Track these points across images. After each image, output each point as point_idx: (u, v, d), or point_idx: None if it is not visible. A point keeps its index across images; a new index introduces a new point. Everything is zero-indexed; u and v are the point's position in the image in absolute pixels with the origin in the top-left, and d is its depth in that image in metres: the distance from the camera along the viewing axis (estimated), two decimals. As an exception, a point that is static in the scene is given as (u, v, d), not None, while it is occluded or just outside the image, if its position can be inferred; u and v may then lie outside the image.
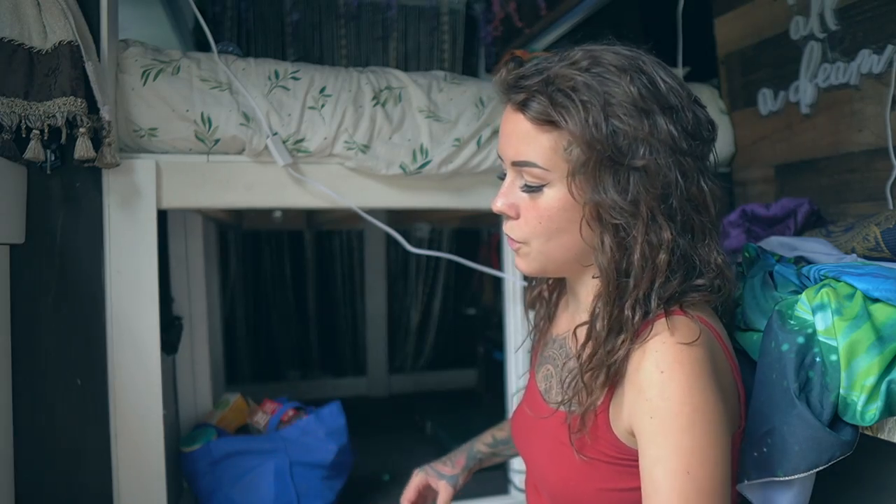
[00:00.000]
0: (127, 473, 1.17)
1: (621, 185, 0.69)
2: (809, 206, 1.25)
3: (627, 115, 0.69)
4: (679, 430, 0.65)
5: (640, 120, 0.69)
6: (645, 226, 0.70)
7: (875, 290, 0.74)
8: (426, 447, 1.93)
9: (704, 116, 0.75)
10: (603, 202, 0.70)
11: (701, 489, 0.64)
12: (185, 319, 1.69)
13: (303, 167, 1.30)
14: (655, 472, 0.66)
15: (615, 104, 0.69)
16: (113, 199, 1.18)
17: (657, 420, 0.66)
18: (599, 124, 0.68)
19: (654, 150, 0.69)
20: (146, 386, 1.19)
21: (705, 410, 0.66)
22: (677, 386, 0.66)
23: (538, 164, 0.73)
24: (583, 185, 0.71)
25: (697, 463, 0.65)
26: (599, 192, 0.70)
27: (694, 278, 0.73)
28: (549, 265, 0.79)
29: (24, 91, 1.04)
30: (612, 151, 0.69)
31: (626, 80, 0.69)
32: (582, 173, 0.70)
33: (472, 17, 2.32)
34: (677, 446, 0.65)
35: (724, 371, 0.73)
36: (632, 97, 0.69)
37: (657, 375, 0.67)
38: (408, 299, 3.09)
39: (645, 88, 0.70)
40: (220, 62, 1.25)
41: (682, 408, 0.66)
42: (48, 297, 1.13)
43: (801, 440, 0.71)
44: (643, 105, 0.69)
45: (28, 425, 1.11)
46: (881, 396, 0.70)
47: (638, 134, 0.69)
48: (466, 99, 1.37)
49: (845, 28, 1.27)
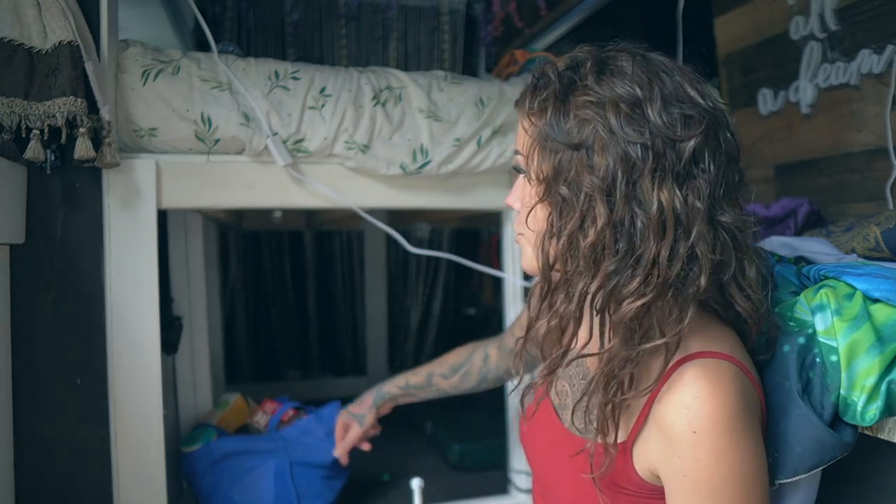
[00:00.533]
0: (127, 473, 1.17)
1: (562, 166, 0.69)
2: (809, 206, 1.25)
3: (576, 107, 0.69)
4: (714, 491, 0.65)
5: (592, 110, 0.68)
6: (581, 212, 0.67)
7: (875, 291, 0.74)
8: (426, 447, 1.93)
9: (685, 113, 0.68)
10: (543, 175, 0.71)
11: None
12: (185, 319, 1.69)
13: (303, 167, 1.30)
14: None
15: (571, 94, 0.70)
16: (113, 199, 1.18)
17: (690, 480, 0.65)
18: (546, 108, 0.70)
19: (596, 140, 0.67)
20: (146, 386, 1.19)
21: (741, 468, 0.65)
22: (711, 448, 0.65)
23: (519, 150, 0.77)
24: (532, 164, 0.73)
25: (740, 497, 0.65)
26: (540, 167, 0.71)
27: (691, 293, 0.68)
28: (549, 260, 0.76)
29: (24, 91, 1.04)
30: (553, 133, 0.70)
31: (590, 73, 0.70)
32: (532, 154, 0.72)
33: (472, 17, 2.32)
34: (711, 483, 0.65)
35: (757, 416, 0.71)
36: (589, 89, 0.69)
37: (690, 436, 0.65)
38: (408, 299, 3.09)
39: (606, 85, 0.69)
40: (220, 62, 1.25)
41: (716, 469, 0.65)
42: (48, 296, 1.13)
43: (804, 441, 0.71)
44: (597, 98, 0.68)
45: (28, 425, 1.11)
46: (881, 396, 0.70)
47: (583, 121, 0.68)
48: (466, 99, 1.37)
49: (845, 28, 1.27)
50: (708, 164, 0.68)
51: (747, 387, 0.69)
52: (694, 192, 0.67)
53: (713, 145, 0.69)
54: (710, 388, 0.65)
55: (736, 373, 0.68)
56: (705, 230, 0.67)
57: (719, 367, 0.68)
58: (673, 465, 0.67)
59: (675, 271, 0.66)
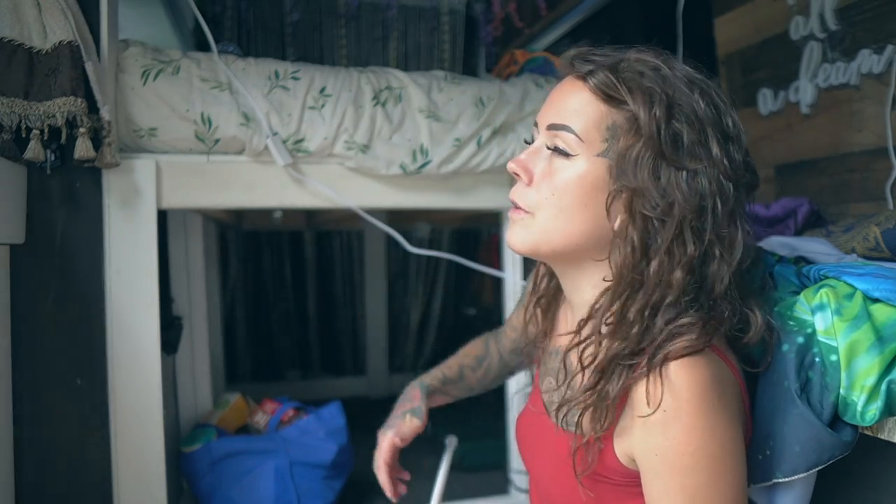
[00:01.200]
0: (127, 473, 1.17)
1: (661, 182, 0.68)
2: (809, 206, 1.24)
3: (688, 123, 0.69)
4: (684, 469, 0.66)
5: (697, 133, 0.69)
6: (672, 234, 0.68)
7: (875, 290, 0.74)
8: (426, 447, 1.93)
9: (752, 164, 0.75)
10: (639, 189, 0.69)
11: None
12: (185, 319, 1.69)
13: (303, 167, 1.30)
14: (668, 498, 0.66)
15: (679, 107, 0.69)
16: (113, 199, 1.18)
17: (661, 459, 0.66)
18: (660, 117, 0.68)
19: (702, 164, 0.69)
20: (146, 386, 1.19)
21: (712, 448, 0.66)
22: (681, 426, 0.65)
23: (575, 131, 0.71)
24: (621, 168, 0.70)
25: (701, 500, 0.65)
26: (638, 179, 0.68)
27: (705, 309, 0.70)
28: (544, 245, 0.75)
29: (24, 91, 1.04)
30: (665, 147, 0.68)
31: (696, 93, 0.70)
32: (623, 157, 0.70)
33: (472, 17, 2.31)
34: (682, 484, 0.66)
35: (734, 401, 0.71)
36: (695, 109, 0.69)
37: (661, 415, 0.66)
38: (408, 299, 3.09)
39: (709, 109, 0.70)
40: (220, 62, 1.25)
41: (686, 447, 0.65)
42: (48, 297, 1.13)
43: (803, 440, 0.71)
44: (703, 122, 0.69)
45: (28, 425, 1.11)
46: (881, 396, 0.70)
47: (692, 143, 0.69)
48: (466, 99, 1.37)
49: (845, 28, 1.27)
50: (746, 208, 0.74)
51: (724, 372, 0.69)
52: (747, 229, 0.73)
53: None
54: (683, 369, 0.66)
55: (712, 358, 0.69)
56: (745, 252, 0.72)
57: (698, 357, 0.68)
58: (646, 446, 0.68)
59: (722, 291, 0.71)
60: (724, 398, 0.68)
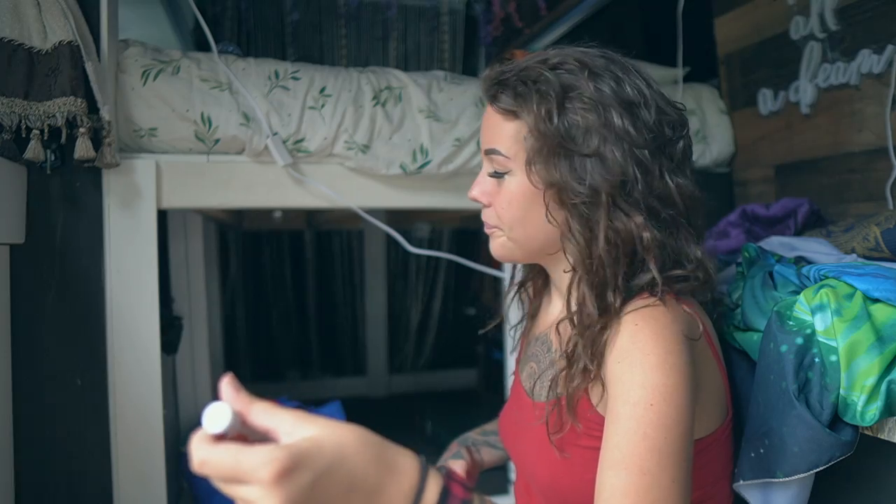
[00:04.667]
0: (127, 473, 1.17)
1: (577, 172, 0.73)
2: (809, 206, 1.24)
3: (583, 108, 0.72)
4: (647, 367, 0.66)
5: (595, 113, 0.72)
6: (607, 212, 0.72)
7: (875, 291, 0.74)
8: (426, 447, 1.93)
9: (673, 116, 0.77)
10: (560, 185, 0.73)
11: (663, 423, 0.64)
12: (185, 319, 1.69)
13: (303, 167, 1.30)
14: (616, 405, 0.66)
15: (572, 97, 0.73)
16: (113, 199, 1.18)
17: (625, 362, 0.68)
18: (552, 114, 0.72)
19: (608, 141, 0.72)
20: (146, 386, 1.19)
21: (678, 357, 0.67)
22: (650, 332, 0.68)
23: (501, 152, 0.77)
24: (539, 171, 0.74)
25: (661, 397, 0.64)
26: (554, 176, 0.73)
27: (671, 269, 0.74)
28: (517, 252, 0.82)
29: (24, 91, 1.04)
30: (563, 139, 0.72)
31: (585, 76, 0.73)
32: (538, 161, 0.74)
33: (472, 17, 2.32)
34: (643, 381, 0.65)
35: (705, 358, 0.73)
36: (589, 91, 0.73)
37: (629, 328, 0.69)
38: (408, 299, 3.09)
39: (606, 85, 0.73)
40: (220, 62, 1.25)
41: (653, 348, 0.67)
42: (48, 297, 1.13)
43: (801, 441, 0.71)
44: (600, 100, 0.72)
45: (28, 425, 1.11)
46: (881, 396, 0.70)
47: (590, 125, 0.72)
48: (466, 99, 1.37)
49: (845, 28, 1.27)
50: (691, 159, 0.78)
51: (694, 330, 0.73)
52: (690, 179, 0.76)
53: (687, 140, 0.78)
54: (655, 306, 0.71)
55: (684, 313, 0.72)
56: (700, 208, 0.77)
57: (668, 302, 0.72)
58: (613, 359, 0.69)
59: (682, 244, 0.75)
60: (690, 344, 0.70)
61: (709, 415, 0.74)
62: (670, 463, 0.63)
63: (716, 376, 0.75)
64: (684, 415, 0.65)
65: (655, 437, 0.63)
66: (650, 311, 0.70)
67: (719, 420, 0.75)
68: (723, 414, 0.76)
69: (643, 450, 0.63)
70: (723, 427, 0.76)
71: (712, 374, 0.75)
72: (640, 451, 0.63)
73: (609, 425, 0.66)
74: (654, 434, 0.63)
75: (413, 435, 2.12)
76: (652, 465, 0.62)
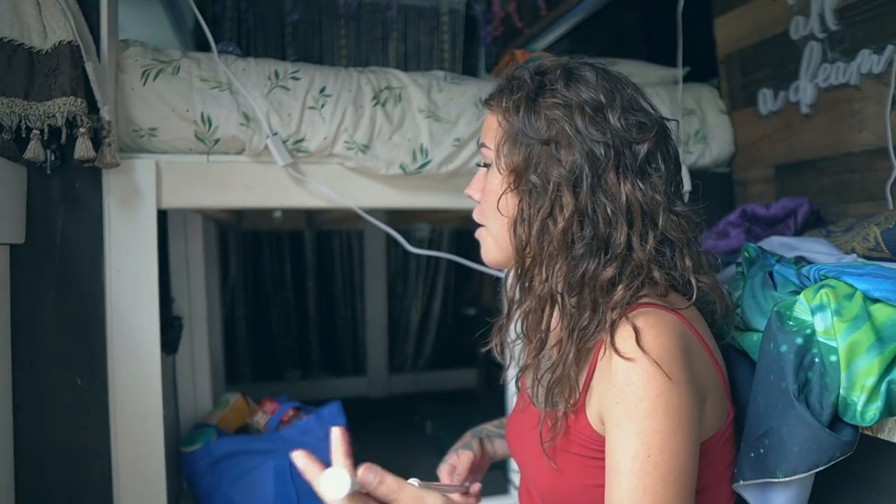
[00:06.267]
0: (127, 473, 1.17)
1: (533, 160, 0.77)
2: (809, 206, 1.24)
3: (550, 104, 0.77)
4: (641, 414, 0.67)
5: (560, 110, 0.76)
6: (550, 201, 0.75)
7: (875, 291, 0.74)
8: (426, 447, 1.93)
9: (640, 120, 0.77)
10: (517, 171, 0.78)
11: (660, 474, 0.66)
12: (185, 319, 1.70)
13: (303, 167, 1.30)
14: (616, 455, 0.68)
15: (544, 93, 0.78)
16: (113, 199, 1.18)
17: (622, 406, 0.69)
18: (520, 105, 0.78)
19: (563, 137, 0.75)
20: (146, 386, 1.19)
21: (669, 397, 0.67)
22: (641, 371, 0.68)
23: (485, 144, 0.84)
24: (504, 157, 0.80)
25: (657, 448, 0.66)
26: (513, 162, 0.78)
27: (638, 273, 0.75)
28: (500, 254, 0.85)
29: (24, 91, 1.04)
30: (525, 127, 0.77)
31: (561, 77, 0.78)
32: (504, 147, 0.79)
33: (472, 17, 2.32)
34: (639, 431, 0.67)
35: (700, 361, 0.74)
36: (560, 90, 0.77)
37: (623, 363, 0.69)
38: (408, 299, 3.09)
39: (578, 87, 0.77)
40: (220, 62, 1.25)
41: (645, 392, 0.67)
42: (48, 296, 1.13)
43: (801, 441, 0.71)
44: (567, 98, 0.76)
45: (28, 425, 1.11)
46: (881, 396, 0.70)
47: (553, 119, 0.76)
48: (466, 99, 1.37)
49: (845, 28, 1.27)
50: (659, 164, 0.78)
51: (689, 336, 0.73)
52: (651, 186, 0.76)
53: (663, 150, 0.78)
54: (647, 325, 0.71)
55: (677, 321, 0.73)
56: (670, 219, 0.76)
57: (659, 313, 0.73)
58: (609, 397, 0.70)
59: (647, 254, 0.75)
60: (686, 355, 0.71)
61: (709, 417, 0.74)
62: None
63: (712, 377, 0.75)
64: (682, 457, 0.68)
65: (654, 489, 0.66)
66: (647, 335, 0.70)
67: (719, 422, 0.75)
68: (723, 415, 0.76)
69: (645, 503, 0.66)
70: (723, 429, 0.76)
71: (708, 375, 0.75)
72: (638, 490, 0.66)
73: (611, 478, 0.69)
74: (654, 486, 0.66)
75: (413, 435, 2.12)
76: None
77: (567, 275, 0.75)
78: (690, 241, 0.78)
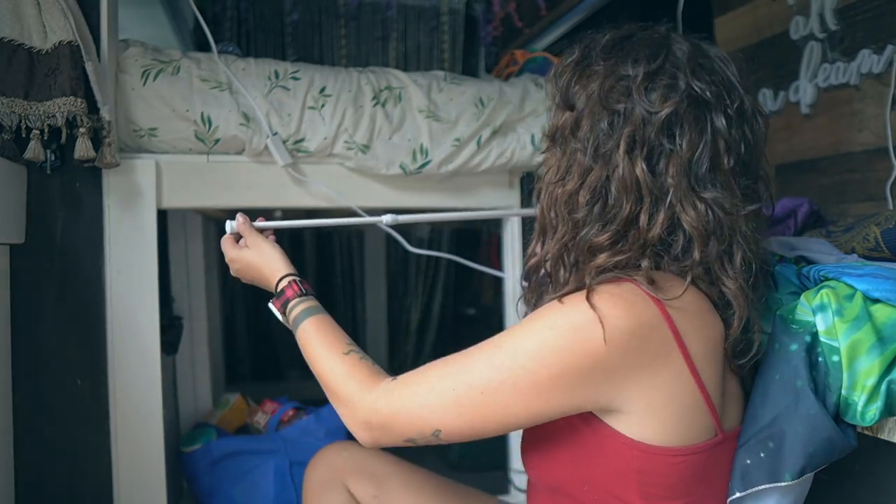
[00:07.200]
0: (127, 473, 1.17)
1: (558, 126, 0.79)
2: (809, 206, 1.24)
3: (586, 77, 0.78)
4: (519, 328, 0.72)
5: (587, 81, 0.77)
6: (566, 168, 0.77)
7: (875, 291, 0.74)
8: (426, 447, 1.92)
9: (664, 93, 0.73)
10: (546, 131, 0.82)
11: (489, 362, 0.71)
12: (185, 319, 1.69)
13: (303, 167, 1.30)
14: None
15: (586, 66, 0.80)
16: (113, 199, 1.18)
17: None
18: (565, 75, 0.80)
19: (581, 105, 0.77)
20: (146, 386, 1.19)
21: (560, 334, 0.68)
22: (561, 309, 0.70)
23: None
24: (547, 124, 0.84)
25: (508, 353, 0.70)
26: (550, 127, 0.81)
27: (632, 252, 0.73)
28: None
29: (24, 91, 1.04)
30: (556, 97, 0.80)
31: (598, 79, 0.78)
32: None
33: (472, 17, 2.31)
34: (509, 333, 0.72)
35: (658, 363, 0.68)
36: (599, 65, 0.78)
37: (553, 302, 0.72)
38: (408, 299, 3.09)
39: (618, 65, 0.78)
40: (220, 62, 1.25)
41: (544, 313, 0.71)
42: (48, 297, 1.13)
43: (817, 441, 0.70)
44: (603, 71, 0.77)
45: (28, 425, 1.11)
46: (881, 397, 0.70)
47: (575, 90, 0.78)
48: (466, 99, 1.37)
49: (845, 28, 1.27)
50: (681, 141, 0.71)
51: (657, 329, 0.68)
52: (666, 163, 0.71)
53: (691, 123, 0.71)
54: (608, 291, 0.69)
55: (649, 309, 0.68)
56: (688, 202, 0.71)
57: (636, 291, 0.69)
58: None
59: (654, 234, 0.71)
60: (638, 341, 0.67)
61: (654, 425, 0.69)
62: (464, 377, 0.72)
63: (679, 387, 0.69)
64: (515, 388, 0.69)
65: (473, 365, 0.72)
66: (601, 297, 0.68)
67: (692, 434, 0.70)
68: (702, 430, 0.71)
69: (464, 356, 0.74)
70: (704, 445, 0.71)
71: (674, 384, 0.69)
72: (461, 356, 0.74)
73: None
74: (472, 362, 0.72)
75: (413, 435, 2.11)
76: (456, 368, 0.74)
77: (567, 239, 0.77)
78: (716, 233, 0.71)
